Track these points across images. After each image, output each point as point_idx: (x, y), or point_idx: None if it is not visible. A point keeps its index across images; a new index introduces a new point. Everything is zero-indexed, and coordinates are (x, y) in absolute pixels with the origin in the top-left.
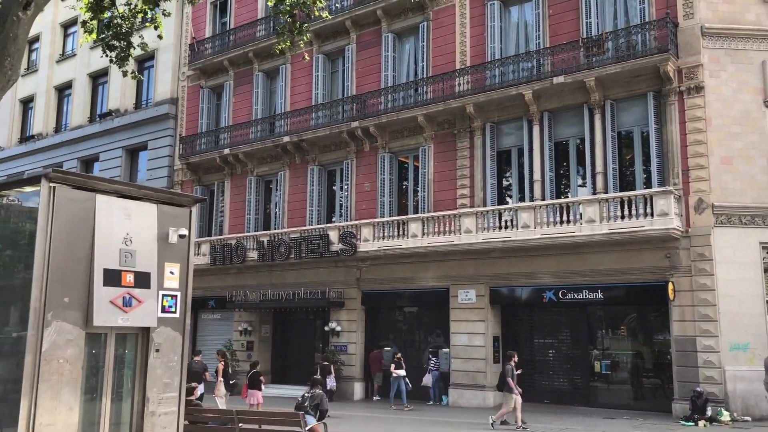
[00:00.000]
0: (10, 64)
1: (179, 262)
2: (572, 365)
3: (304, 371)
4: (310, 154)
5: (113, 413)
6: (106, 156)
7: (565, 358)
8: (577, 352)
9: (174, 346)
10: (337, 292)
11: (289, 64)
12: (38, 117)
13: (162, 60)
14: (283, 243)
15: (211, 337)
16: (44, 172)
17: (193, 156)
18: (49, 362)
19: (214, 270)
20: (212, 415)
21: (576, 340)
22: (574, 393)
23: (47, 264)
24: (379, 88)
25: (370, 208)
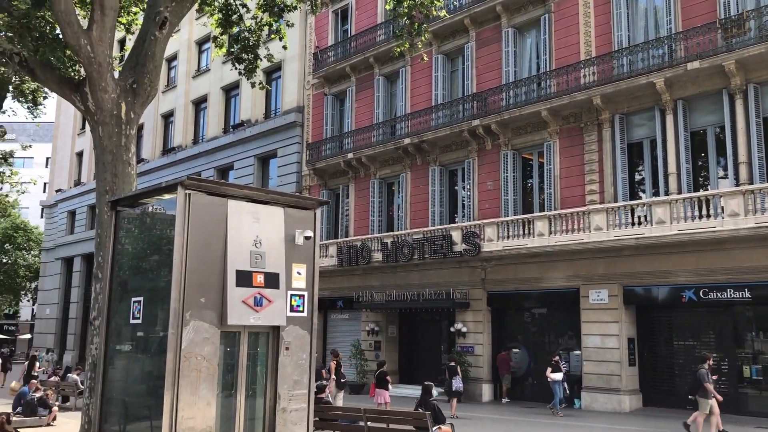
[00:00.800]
0: (149, 81)
1: (306, 263)
2: (716, 370)
3: (430, 371)
4: (431, 154)
5: (247, 409)
6: (240, 164)
7: None
8: (722, 356)
9: (303, 344)
10: (462, 292)
11: (409, 66)
12: (178, 130)
13: (288, 70)
14: (406, 244)
15: (341, 337)
16: (180, 180)
17: (319, 161)
18: (188, 359)
19: (341, 271)
20: (341, 413)
21: (720, 343)
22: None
23: (185, 266)
24: (500, 85)
25: (494, 208)
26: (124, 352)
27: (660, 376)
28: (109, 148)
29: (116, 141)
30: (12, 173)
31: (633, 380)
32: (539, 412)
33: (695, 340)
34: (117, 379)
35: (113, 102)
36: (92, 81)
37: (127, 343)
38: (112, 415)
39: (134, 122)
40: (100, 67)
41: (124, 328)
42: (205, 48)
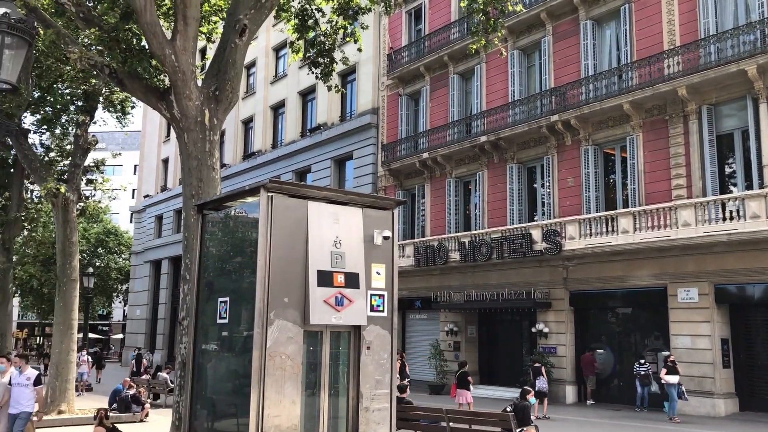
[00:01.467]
0: (231, 87)
1: (384, 263)
2: None
3: (511, 372)
4: (508, 152)
5: (331, 407)
6: (317, 167)
7: None
8: None
9: (383, 344)
10: (543, 292)
11: (484, 63)
12: (257, 135)
13: (363, 72)
14: (484, 243)
15: (419, 337)
16: (262, 183)
17: (394, 162)
18: (273, 358)
19: (418, 271)
20: (423, 413)
21: None
22: None
23: (268, 267)
24: (578, 79)
25: (575, 205)
26: (212, 351)
27: (758, 380)
28: (194, 153)
29: (201, 147)
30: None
31: (728, 383)
32: (626, 414)
33: None
34: (205, 378)
35: (197, 109)
36: (177, 89)
37: (214, 342)
38: (201, 413)
39: (217, 128)
40: (184, 76)
41: (211, 328)
42: (282, 54)
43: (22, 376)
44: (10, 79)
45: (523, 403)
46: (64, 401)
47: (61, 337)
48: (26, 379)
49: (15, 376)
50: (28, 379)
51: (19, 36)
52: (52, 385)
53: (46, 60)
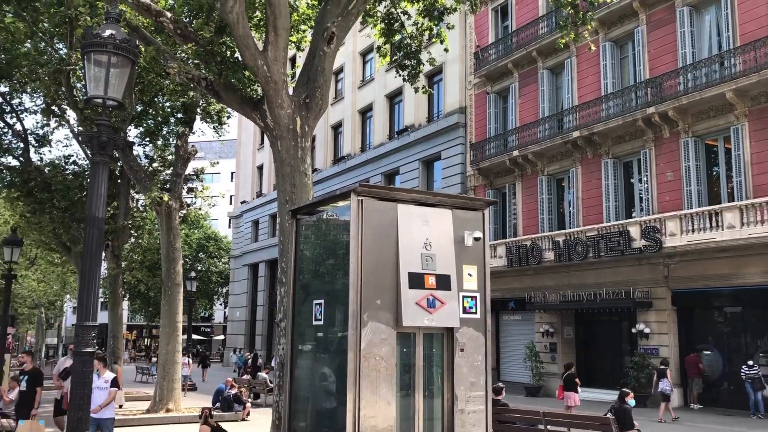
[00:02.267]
0: (320, 95)
1: (476, 264)
2: None
3: (611, 374)
4: (603, 146)
5: (426, 409)
6: (405, 169)
7: None
8: None
9: (477, 346)
10: (643, 291)
11: (575, 57)
12: (346, 139)
13: (449, 72)
14: (579, 242)
15: (513, 339)
16: (353, 187)
17: (483, 161)
18: (367, 359)
19: (511, 271)
20: (520, 416)
21: None
22: None
23: (360, 269)
24: (676, 68)
25: (675, 200)
26: (308, 351)
27: None
28: (287, 160)
29: (293, 153)
30: (203, 188)
31: None
32: (739, 420)
33: None
34: (303, 378)
35: (289, 117)
36: (270, 99)
37: (310, 343)
38: (300, 412)
39: (308, 135)
40: (276, 85)
41: (307, 329)
42: (369, 58)
43: (101, 379)
44: (117, 96)
45: (623, 407)
46: (171, 400)
47: (167, 339)
48: (104, 382)
49: (93, 380)
50: (105, 382)
51: (124, 55)
52: (160, 385)
53: (147, 75)
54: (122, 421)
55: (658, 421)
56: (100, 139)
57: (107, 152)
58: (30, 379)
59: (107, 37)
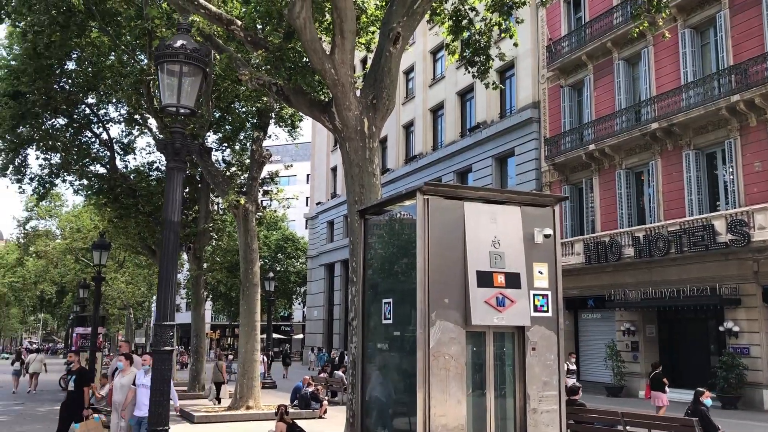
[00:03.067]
0: (387, 95)
1: (546, 262)
2: None
3: (697, 375)
4: (684, 138)
5: (498, 408)
6: (478, 166)
7: None
8: None
9: (549, 345)
10: (731, 288)
11: (651, 46)
12: (418, 138)
13: (521, 67)
14: (660, 237)
15: (592, 337)
16: (418, 187)
17: (558, 156)
18: (436, 358)
19: (590, 269)
20: (597, 416)
21: None
22: None
23: (427, 268)
24: (763, 53)
25: (763, 191)
26: (379, 350)
27: None
28: (355, 161)
29: (361, 154)
30: (278, 191)
31: None
32: None
33: None
34: (375, 376)
35: (356, 119)
36: (337, 101)
37: (380, 342)
38: (372, 411)
39: (376, 135)
40: (343, 88)
41: (378, 328)
42: (439, 56)
43: (147, 376)
44: (189, 103)
45: (698, 408)
46: (251, 397)
47: (246, 338)
48: (137, 379)
49: (140, 377)
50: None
51: (195, 64)
52: (240, 383)
53: (223, 83)
54: (204, 417)
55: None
56: (174, 146)
57: (181, 158)
58: (77, 379)
59: (178, 47)
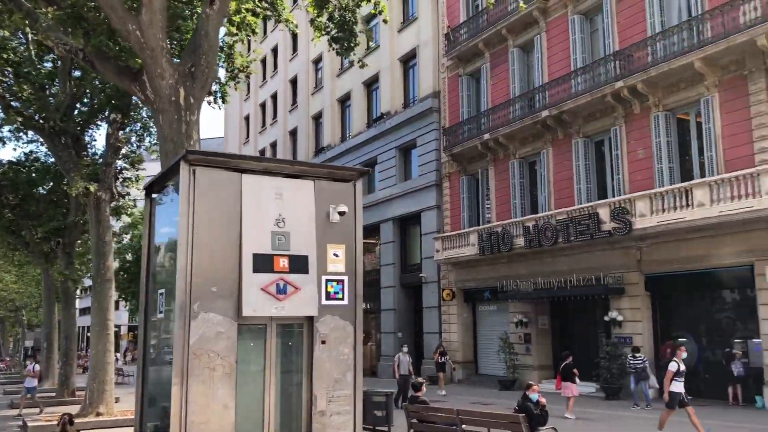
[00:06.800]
0: (206, 62)
1: (344, 243)
2: None
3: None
4: (573, 126)
5: (278, 412)
6: (383, 158)
7: None
8: None
9: (343, 337)
10: (615, 277)
11: (544, 32)
12: (326, 129)
13: (423, 55)
14: (549, 227)
15: (489, 330)
16: (182, 154)
17: (456, 146)
18: (198, 356)
19: (484, 260)
20: (437, 414)
21: None
22: None
23: (191, 252)
24: (644, 39)
25: (646, 179)
26: (154, 347)
27: None
28: (170, 136)
29: (177, 128)
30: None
31: None
32: (710, 411)
33: None
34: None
35: (171, 88)
36: (148, 68)
37: (154, 339)
38: (151, 415)
39: (195, 108)
40: (153, 53)
41: (153, 324)
42: None
43: None
44: None
45: (525, 404)
46: (102, 403)
47: (97, 338)
48: None
49: None
50: None
51: None
52: (90, 388)
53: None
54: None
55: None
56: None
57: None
58: None
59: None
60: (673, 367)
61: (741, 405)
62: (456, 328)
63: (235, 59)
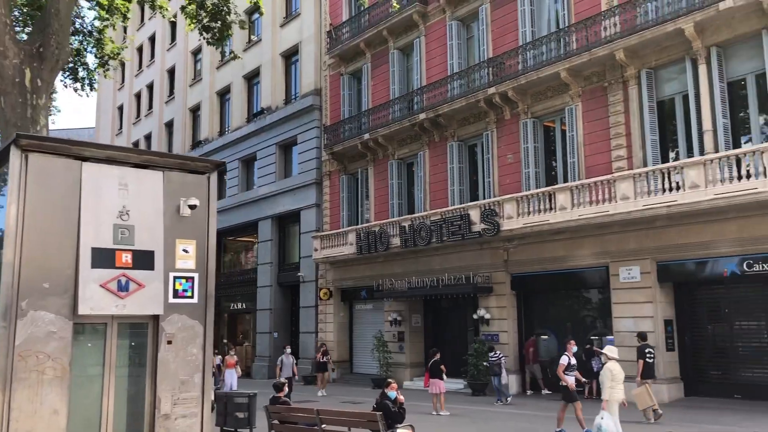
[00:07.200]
0: (56, 42)
1: (195, 239)
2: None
3: (455, 362)
4: (449, 129)
5: (119, 417)
6: (262, 154)
7: (758, 343)
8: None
9: (192, 336)
10: (484, 276)
11: (423, 36)
12: (204, 123)
13: (305, 51)
14: (424, 227)
15: (366, 329)
16: (13, 138)
17: (337, 145)
18: (25, 359)
19: (362, 259)
20: (298, 414)
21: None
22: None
23: (20, 245)
24: (516, 47)
25: (515, 182)
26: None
27: (704, 362)
28: (12, 120)
29: (21, 112)
30: None
31: (672, 367)
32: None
33: (742, 320)
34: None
35: (15, 68)
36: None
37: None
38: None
39: (43, 91)
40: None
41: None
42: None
43: None
44: None
45: (383, 402)
46: None
47: None
48: None
49: None
50: None
51: None
52: None
53: None
54: None
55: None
56: None
57: None
58: None
59: None
60: (564, 361)
61: (597, 398)
62: (332, 327)
63: (105, 45)
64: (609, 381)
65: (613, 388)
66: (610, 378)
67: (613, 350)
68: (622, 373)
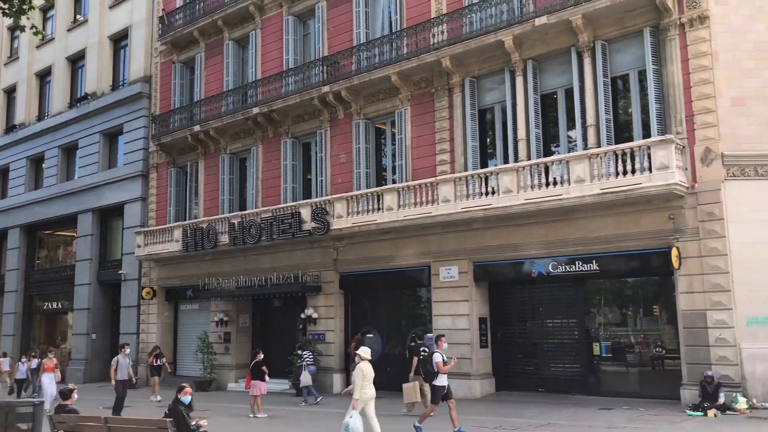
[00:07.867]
0: None
1: None
2: (568, 348)
3: (281, 363)
4: (283, 125)
5: None
6: (85, 142)
7: (561, 340)
8: (573, 333)
9: None
10: (313, 275)
11: (260, 29)
12: (20, 105)
13: (135, 36)
14: (254, 224)
15: (191, 330)
16: None
17: (165, 136)
18: None
19: (189, 257)
20: (90, 424)
21: (572, 320)
22: (571, 380)
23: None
24: (351, 47)
25: (347, 182)
26: None
27: (513, 359)
28: None
29: None
30: None
31: (485, 363)
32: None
33: (547, 318)
34: None
35: None
36: None
37: None
38: None
39: None
40: None
41: None
42: (50, 15)
43: None
44: None
45: (175, 407)
46: None
47: None
48: None
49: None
50: None
51: None
52: None
53: None
54: None
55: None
56: None
57: None
58: None
59: None
60: (438, 358)
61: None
62: (155, 328)
63: None
64: (360, 380)
65: (364, 387)
66: (361, 378)
67: (366, 351)
68: (373, 372)
